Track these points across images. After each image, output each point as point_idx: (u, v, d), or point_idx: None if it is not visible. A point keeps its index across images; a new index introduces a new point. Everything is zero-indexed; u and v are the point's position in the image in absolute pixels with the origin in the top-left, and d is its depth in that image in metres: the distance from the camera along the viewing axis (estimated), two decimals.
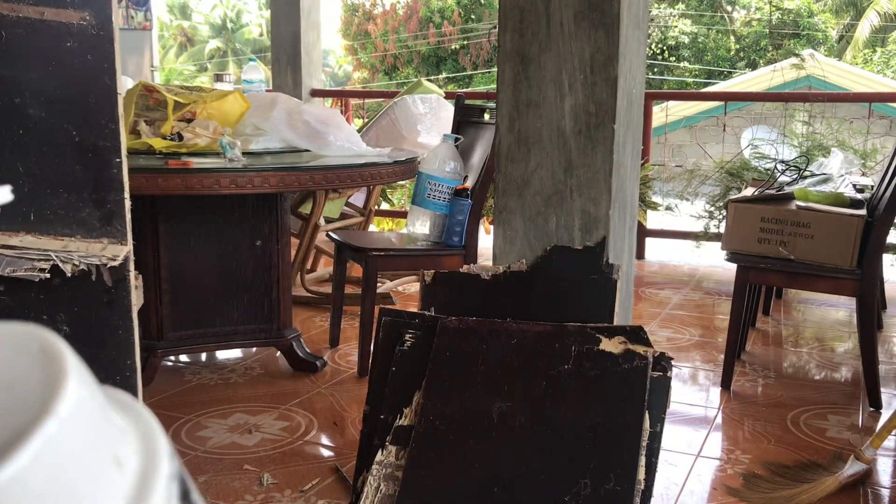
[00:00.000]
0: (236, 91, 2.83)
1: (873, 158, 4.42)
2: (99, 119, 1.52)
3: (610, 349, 1.67)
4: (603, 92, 1.87)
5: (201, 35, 24.78)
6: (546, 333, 1.75)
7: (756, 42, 18.01)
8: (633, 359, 1.66)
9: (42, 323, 1.42)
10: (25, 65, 1.47)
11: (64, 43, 1.48)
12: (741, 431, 2.50)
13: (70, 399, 0.38)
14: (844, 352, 3.34)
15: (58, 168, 1.53)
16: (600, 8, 1.84)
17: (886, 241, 2.69)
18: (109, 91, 1.51)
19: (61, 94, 1.50)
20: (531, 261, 1.97)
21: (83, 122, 1.52)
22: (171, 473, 0.42)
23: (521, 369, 1.72)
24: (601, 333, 1.70)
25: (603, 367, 1.67)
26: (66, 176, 1.53)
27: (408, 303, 3.80)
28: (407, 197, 5.65)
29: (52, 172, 1.52)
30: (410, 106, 4.29)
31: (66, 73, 1.49)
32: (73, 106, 1.51)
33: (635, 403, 1.63)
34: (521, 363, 1.72)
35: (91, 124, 1.52)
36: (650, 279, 4.48)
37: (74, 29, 1.49)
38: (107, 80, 1.52)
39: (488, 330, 1.80)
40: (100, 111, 1.53)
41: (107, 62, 1.50)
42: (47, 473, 0.36)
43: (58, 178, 1.53)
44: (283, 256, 2.83)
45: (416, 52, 16.72)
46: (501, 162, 1.99)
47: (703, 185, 4.68)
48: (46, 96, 1.49)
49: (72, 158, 1.53)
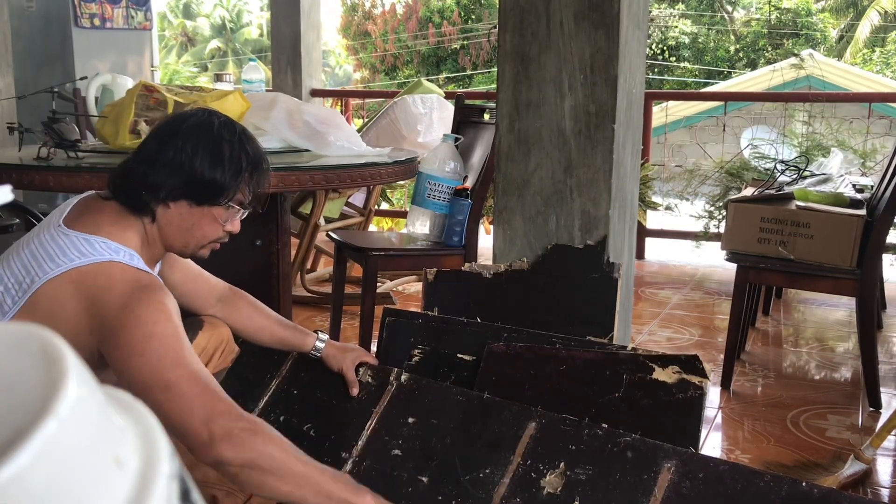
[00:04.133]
0: (236, 91, 2.83)
1: (873, 158, 4.42)
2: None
3: (663, 378, 1.60)
4: (603, 92, 1.87)
5: (202, 35, 24.78)
6: (596, 360, 1.69)
7: (755, 42, 18.01)
8: (687, 389, 1.59)
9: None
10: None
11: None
12: (741, 431, 2.50)
13: (70, 399, 0.38)
14: (844, 352, 3.34)
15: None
16: (600, 8, 1.84)
17: (886, 241, 2.69)
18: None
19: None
20: (531, 260, 1.97)
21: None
22: (171, 473, 0.42)
23: (569, 397, 1.66)
24: (654, 362, 1.63)
25: (655, 396, 1.61)
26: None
27: (408, 303, 3.80)
28: (407, 197, 5.65)
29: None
30: (410, 106, 4.29)
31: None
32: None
33: (689, 435, 1.56)
34: (569, 390, 1.66)
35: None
36: (650, 279, 4.48)
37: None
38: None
39: (536, 356, 1.74)
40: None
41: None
42: (47, 473, 0.36)
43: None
44: (283, 256, 2.83)
45: (416, 52, 16.73)
46: (501, 162, 1.99)
47: (702, 185, 4.68)
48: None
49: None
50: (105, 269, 1.41)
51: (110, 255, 1.43)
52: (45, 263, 1.42)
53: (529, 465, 1.51)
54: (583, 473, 1.46)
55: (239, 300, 1.85)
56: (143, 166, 1.50)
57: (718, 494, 1.36)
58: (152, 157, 1.50)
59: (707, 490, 1.37)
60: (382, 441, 1.67)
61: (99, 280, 1.40)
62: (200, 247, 1.60)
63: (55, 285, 1.40)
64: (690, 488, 1.38)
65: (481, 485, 1.52)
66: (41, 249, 1.44)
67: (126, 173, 1.51)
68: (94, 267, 1.41)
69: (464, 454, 1.58)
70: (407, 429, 1.66)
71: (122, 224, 1.50)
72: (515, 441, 1.54)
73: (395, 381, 1.73)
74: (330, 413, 1.78)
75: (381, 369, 1.77)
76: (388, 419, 1.69)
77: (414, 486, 1.59)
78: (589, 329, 1.87)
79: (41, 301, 1.40)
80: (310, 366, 1.85)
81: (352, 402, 1.75)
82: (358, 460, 1.67)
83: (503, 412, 1.59)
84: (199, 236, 1.57)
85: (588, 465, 1.46)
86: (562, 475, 1.47)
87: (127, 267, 1.43)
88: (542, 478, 1.49)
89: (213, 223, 1.56)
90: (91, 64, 5.51)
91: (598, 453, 1.47)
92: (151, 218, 1.52)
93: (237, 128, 1.57)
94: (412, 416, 1.66)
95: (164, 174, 1.49)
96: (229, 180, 1.52)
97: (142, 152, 1.53)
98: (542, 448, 1.51)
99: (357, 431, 1.70)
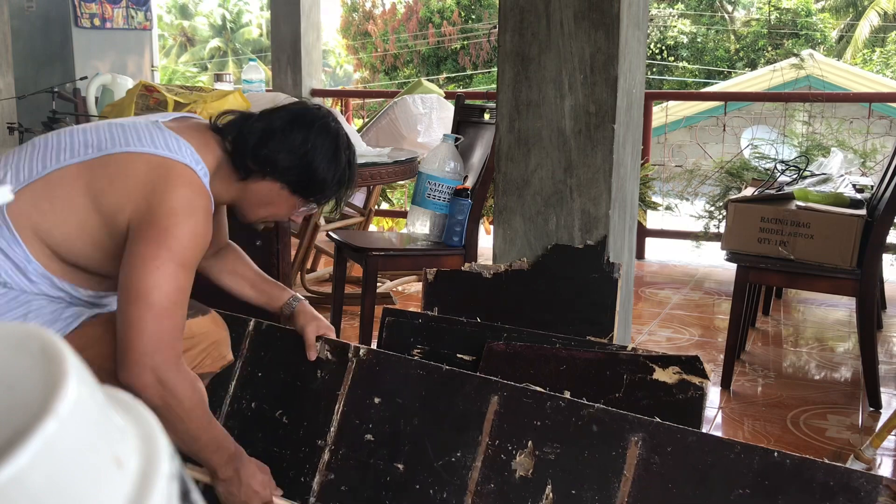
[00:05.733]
0: (236, 91, 2.83)
1: (873, 158, 4.42)
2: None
3: (663, 379, 1.61)
4: (603, 92, 1.87)
5: (202, 35, 24.77)
6: (596, 360, 1.69)
7: (755, 42, 18.01)
8: (687, 389, 1.60)
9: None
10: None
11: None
12: (741, 431, 2.51)
13: (70, 399, 0.38)
14: (844, 352, 3.34)
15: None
16: (600, 8, 1.84)
17: (886, 241, 2.69)
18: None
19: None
20: (531, 260, 1.97)
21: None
22: (171, 473, 0.42)
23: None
24: (654, 362, 1.64)
25: (656, 396, 1.62)
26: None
27: (408, 303, 3.80)
28: (407, 197, 5.65)
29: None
30: (410, 106, 4.29)
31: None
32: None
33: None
34: (569, 390, 1.65)
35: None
36: (650, 279, 4.48)
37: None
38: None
39: (536, 356, 1.75)
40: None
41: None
42: (47, 473, 0.36)
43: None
44: (283, 256, 2.83)
45: (416, 52, 16.73)
46: (501, 162, 1.99)
47: (702, 185, 4.68)
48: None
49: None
50: (180, 170, 1.47)
51: (191, 161, 1.49)
52: (133, 140, 1.49)
53: (498, 445, 1.51)
54: (551, 452, 1.46)
55: (230, 250, 1.88)
56: (266, 135, 1.56)
57: (690, 469, 1.35)
58: (278, 133, 1.56)
59: (677, 464, 1.36)
60: (353, 426, 1.67)
61: (170, 175, 1.46)
62: (260, 220, 1.69)
63: (133, 159, 1.47)
64: (660, 464, 1.37)
65: (455, 470, 1.54)
66: (133, 130, 1.51)
67: (245, 129, 1.57)
68: (172, 163, 1.47)
69: (433, 436, 1.58)
70: (374, 410, 1.66)
71: (211, 153, 1.55)
72: (481, 419, 1.54)
73: (353, 357, 1.72)
74: (297, 396, 1.78)
75: (339, 344, 1.76)
76: (354, 401, 1.69)
77: (391, 474, 1.60)
78: (589, 329, 1.87)
79: (113, 163, 1.47)
80: (268, 343, 1.85)
81: (315, 382, 1.75)
82: (334, 448, 1.68)
83: (465, 386, 1.58)
84: (269, 214, 1.64)
85: (555, 444, 1.46)
86: (531, 455, 1.48)
87: (198, 179, 1.49)
88: (512, 459, 1.49)
89: (289, 208, 1.64)
90: (91, 64, 5.51)
91: (562, 428, 1.47)
92: (241, 177, 1.57)
93: (351, 143, 1.68)
94: (377, 396, 1.67)
95: (282, 154, 1.55)
96: (332, 186, 1.62)
97: (270, 121, 1.58)
98: (508, 425, 1.52)
99: (327, 416, 1.70)
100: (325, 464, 1.68)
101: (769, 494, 1.29)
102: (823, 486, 1.25)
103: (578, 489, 1.42)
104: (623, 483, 1.39)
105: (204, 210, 1.48)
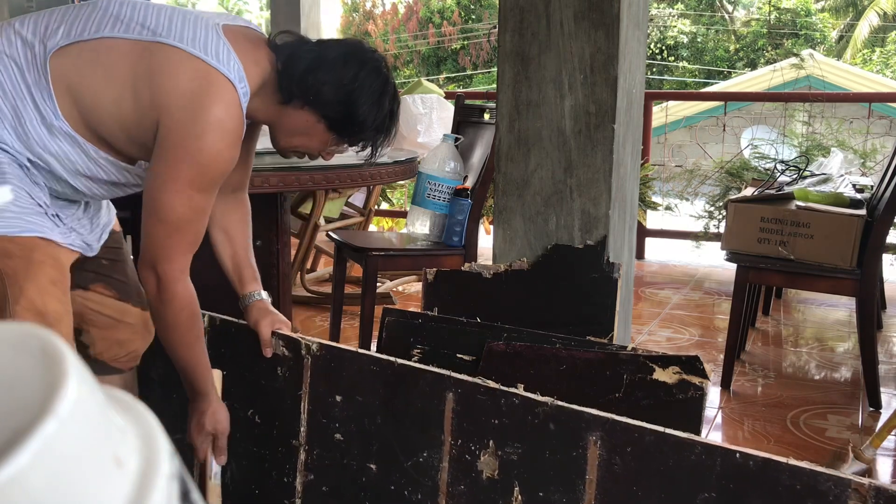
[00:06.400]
0: None
1: (873, 158, 4.42)
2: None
3: (664, 379, 1.60)
4: (603, 92, 1.87)
5: None
6: (596, 360, 1.68)
7: (755, 42, 18.01)
8: (687, 389, 1.59)
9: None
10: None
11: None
12: (741, 431, 2.50)
13: (70, 399, 0.38)
14: (844, 352, 3.34)
15: None
16: (600, 8, 1.84)
17: (886, 241, 2.69)
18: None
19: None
20: (531, 260, 1.97)
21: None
22: (171, 473, 0.42)
23: (569, 397, 1.66)
24: (654, 362, 1.62)
25: (656, 396, 1.61)
26: None
27: (408, 302, 3.80)
28: (407, 197, 5.65)
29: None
30: (410, 106, 4.29)
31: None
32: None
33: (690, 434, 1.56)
34: (569, 390, 1.64)
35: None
36: (650, 279, 4.48)
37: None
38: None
39: (536, 356, 1.74)
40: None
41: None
42: (47, 473, 0.36)
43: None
44: (283, 256, 2.83)
45: (416, 52, 16.73)
46: (501, 162, 1.99)
47: (702, 185, 4.68)
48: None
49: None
50: (221, 85, 1.44)
51: (235, 78, 1.46)
52: (188, 38, 1.45)
53: (461, 445, 1.51)
54: (513, 453, 1.46)
55: (238, 206, 1.82)
56: (316, 63, 1.52)
57: (652, 471, 1.33)
58: (329, 64, 1.53)
59: (640, 467, 1.34)
60: (322, 425, 1.67)
61: (211, 90, 1.43)
62: (293, 150, 1.65)
63: (181, 58, 1.43)
64: (622, 466, 1.35)
65: (424, 471, 1.54)
66: (192, 27, 1.47)
67: (298, 52, 1.53)
68: (216, 76, 1.44)
69: (398, 436, 1.58)
70: (338, 409, 1.66)
71: (259, 70, 1.51)
72: (440, 417, 1.53)
73: (307, 355, 1.70)
74: (263, 394, 1.77)
75: (291, 340, 1.73)
76: (317, 399, 1.68)
77: (365, 474, 1.61)
78: (589, 329, 1.87)
79: (162, 54, 1.44)
80: (226, 339, 1.83)
81: (278, 380, 1.74)
82: (308, 449, 1.68)
83: (419, 381, 1.57)
84: (301, 144, 1.62)
85: (516, 443, 1.46)
86: (494, 455, 1.47)
87: (236, 99, 1.46)
88: (476, 459, 1.49)
89: (321, 144, 1.61)
90: None
91: (520, 426, 1.45)
92: (283, 100, 1.54)
93: (398, 95, 1.66)
94: (338, 394, 1.66)
95: (327, 87, 1.52)
96: (370, 130, 1.60)
97: (324, 50, 1.55)
98: (468, 424, 1.51)
99: (295, 415, 1.70)
100: (303, 464, 1.69)
101: (732, 501, 1.26)
102: (790, 490, 1.22)
103: (546, 491, 1.42)
104: (588, 485, 1.38)
105: (234, 134, 1.46)
